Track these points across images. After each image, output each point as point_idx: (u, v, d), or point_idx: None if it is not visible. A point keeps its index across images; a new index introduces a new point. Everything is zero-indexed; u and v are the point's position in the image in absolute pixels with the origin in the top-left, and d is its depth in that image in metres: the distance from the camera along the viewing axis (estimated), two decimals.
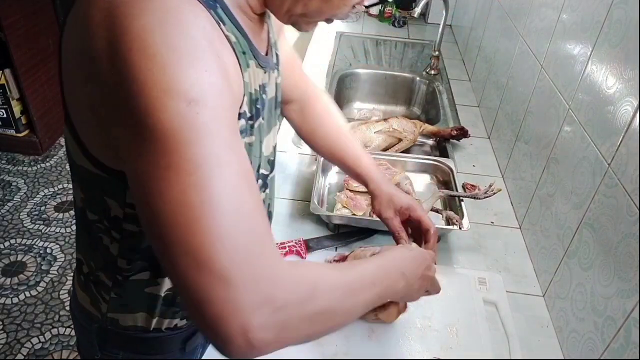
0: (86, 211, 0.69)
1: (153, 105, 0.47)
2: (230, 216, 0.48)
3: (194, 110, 0.48)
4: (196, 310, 0.48)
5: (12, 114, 2.89)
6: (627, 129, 0.81)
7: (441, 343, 0.91)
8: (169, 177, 0.47)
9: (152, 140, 0.48)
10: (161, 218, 0.48)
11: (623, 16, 0.86)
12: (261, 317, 0.48)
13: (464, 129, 1.51)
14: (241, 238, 0.49)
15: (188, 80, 0.48)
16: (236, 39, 0.59)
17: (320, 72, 1.93)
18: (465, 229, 1.10)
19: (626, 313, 0.76)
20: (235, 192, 0.50)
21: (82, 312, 0.80)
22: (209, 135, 0.49)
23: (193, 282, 0.47)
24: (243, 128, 0.63)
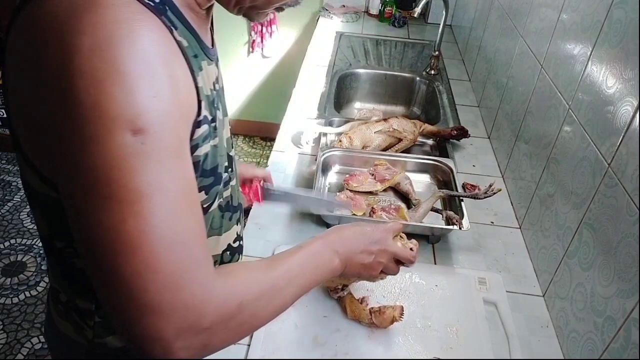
0: (53, 240, 0.67)
1: (98, 133, 0.46)
2: (167, 245, 0.49)
3: (139, 139, 0.47)
4: (124, 331, 0.51)
5: None
6: (627, 129, 0.81)
7: (441, 343, 0.91)
8: (110, 207, 0.47)
9: (94, 168, 0.47)
10: (98, 246, 0.49)
11: (623, 16, 0.86)
12: (184, 341, 0.51)
13: (464, 129, 1.51)
14: (175, 266, 0.50)
15: (136, 108, 0.47)
16: (188, 43, 0.57)
17: (320, 72, 1.93)
18: (465, 229, 1.10)
19: (626, 313, 0.76)
20: (176, 219, 0.50)
21: (65, 342, 0.77)
22: (153, 164, 0.48)
23: (123, 308, 0.49)
24: (207, 133, 0.61)
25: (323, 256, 0.72)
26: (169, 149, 0.50)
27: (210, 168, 0.65)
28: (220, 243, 0.78)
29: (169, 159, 0.50)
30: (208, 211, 0.70)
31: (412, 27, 2.45)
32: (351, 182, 1.26)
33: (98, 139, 0.47)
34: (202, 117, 0.59)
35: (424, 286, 1.02)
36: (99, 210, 0.48)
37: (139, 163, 0.48)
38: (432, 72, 1.93)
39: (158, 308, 0.49)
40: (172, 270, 0.50)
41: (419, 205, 1.18)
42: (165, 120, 0.49)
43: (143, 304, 0.49)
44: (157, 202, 0.49)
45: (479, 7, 1.95)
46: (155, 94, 0.48)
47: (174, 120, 0.51)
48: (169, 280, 0.50)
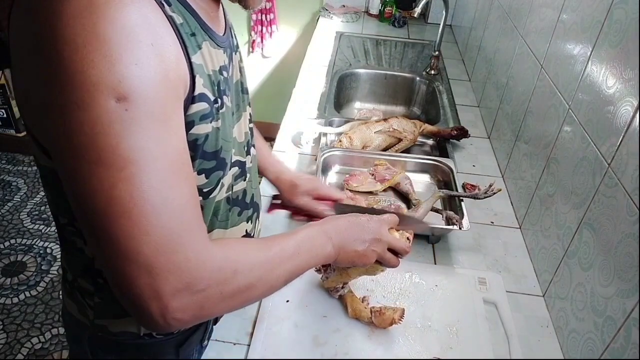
0: (58, 217, 0.68)
1: (82, 99, 0.47)
2: (157, 209, 0.51)
3: (123, 106, 0.48)
4: (122, 293, 0.53)
5: (12, 114, 2.89)
6: (627, 129, 0.81)
7: (441, 343, 0.91)
8: (98, 172, 0.49)
9: (81, 134, 0.48)
10: (92, 211, 0.50)
11: (623, 16, 0.86)
12: (180, 300, 0.53)
13: (464, 129, 1.51)
14: (167, 230, 0.52)
15: (117, 75, 0.48)
16: (183, 20, 0.57)
17: (320, 72, 1.93)
18: (465, 229, 1.10)
19: (626, 313, 0.76)
20: (164, 186, 0.52)
21: (72, 321, 0.79)
22: (139, 130, 0.49)
23: (120, 270, 0.51)
24: (206, 112, 0.61)
25: (317, 241, 0.73)
26: (153, 116, 0.51)
27: (212, 151, 0.65)
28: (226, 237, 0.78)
29: (155, 126, 0.51)
30: (209, 196, 0.70)
31: (412, 27, 2.45)
32: (351, 182, 1.26)
33: (82, 105, 0.48)
34: (197, 94, 0.59)
35: (424, 286, 1.02)
36: (89, 175, 0.49)
37: (125, 129, 0.49)
38: (432, 72, 1.93)
39: (153, 269, 0.51)
40: (165, 233, 0.52)
41: (419, 205, 1.18)
42: (147, 87, 0.50)
43: (138, 265, 0.51)
44: (145, 167, 0.50)
45: (479, 7, 1.95)
46: (136, 62, 0.49)
47: (157, 89, 0.51)
48: (162, 242, 0.51)
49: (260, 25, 2.89)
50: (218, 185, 0.70)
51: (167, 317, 0.53)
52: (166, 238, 0.52)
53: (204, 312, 0.57)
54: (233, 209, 0.78)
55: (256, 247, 0.66)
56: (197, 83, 0.59)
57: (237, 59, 0.77)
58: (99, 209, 0.50)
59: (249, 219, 0.83)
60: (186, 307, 0.54)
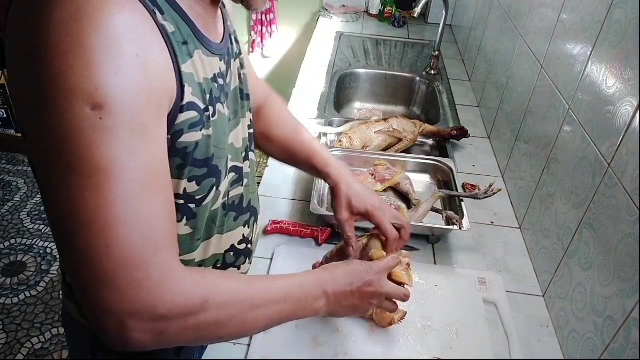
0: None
1: (59, 104, 0.48)
2: (122, 222, 0.50)
3: (97, 114, 0.48)
4: (82, 301, 0.52)
5: (12, 114, 2.89)
6: (627, 129, 0.81)
7: (441, 343, 0.91)
8: (68, 178, 0.49)
9: (54, 139, 0.49)
10: (59, 216, 0.51)
11: (623, 16, 0.86)
12: (137, 322, 0.51)
13: (464, 129, 1.51)
14: (129, 244, 0.50)
15: (94, 83, 0.48)
16: (176, 28, 0.57)
17: (320, 72, 1.93)
18: (465, 229, 1.10)
19: (626, 313, 0.76)
20: (133, 199, 0.51)
21: (72, 322, 0.79)
22: (112, 140, 0.49)
23: (80, 278, 0.51)
24: (195, 121, 0.61)
25: (311, 293, 0.69)
26: (129, 127, 0.50)
27: (202, 158, 0.64)
28: (223, 242, 0.78)
29: (129, 137, 0.50)
30: (202, 204, 0.69)
31: (412, 27, 2.45)
32: None
33: (58, 109, 0.48)
34: (186, 102, 0.59)
35: (424, 286, 1.02)
36: (59, 180, 0.49)
37: (97, 137, 0.49)
38: (432, 72, 1.93)
39: (112, 283, 0.50)
40: (127, 248, 0.50)
41: (419, 205, 1.18)
42: (125, 98, 0.50)
43: (98, 277, 0.50)
44: (115, 178, 0.50)
45: (479, 7, 1.95)
46: (117, 71, 0.49)
47: (136, 100, 0.51)
48: (123, 256, 0.50)
49: (260, 25, 2.89)
50: (211, 193, 0.69)
51: (124, 336, 0.52)
52: (128, 253, 0.50)
53: (165, 340, 0.55)
54: (229, 214, 0.77)
55: (236, 282, 0.62)
56: (186, 92, 0.58)
57: (237, 66, 0.76)
58: (65, 215, 0.50)
59: (246, 223, 0.82)
60: (144, 330, 0.52)
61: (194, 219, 0.69)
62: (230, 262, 0.81)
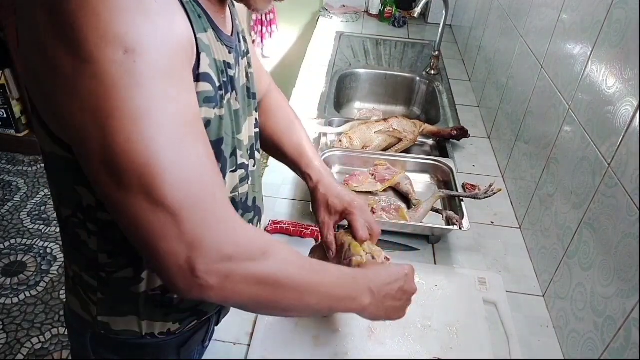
0: (60, 208, 0.68)
1: (90, 53, 0.47)
2: (176, 162, 0.50)
3: (131, 58, 0.48)
4: (147, 246, 0.51)
5: (12, 114, 2.89)
6: (627, 129, 0.81)
7: (441, 343, 0.91)
8: (112, 125, 0.48)
9: (92, 88, 0.48)
10: (110, 164, 0.49)
11: (623, 16, 0.86)
12: (206, 260, 0.51)
13: (464, 129, 1.51)
14: (191, 182, 0.50)
15: (123, 26, 0.47)
16: (188, 1, 0.57)
17: (320, 72, 1.93)
18: (465, 229, 1.10)
19: (626, 313, 0.76)
20: (179, 140, 0.51)
21: (75, 318, 0.78)
22: (149, 84, 0.49)
23: (147, 219, 0.50)
24: (210, 96, 0.60)
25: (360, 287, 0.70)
26: (162, 70, 0.50)
27: (213, 139, 0.64)
28: None
29: (165, 82, 0.50)
30: None
31: (412, 27, 2.45)
32: (351, 182, 1.26)
33: (91, 58, 0.47)
34: (202, 72, 0.58)
35: (424, 286, 1.02)
36: (103, 129, 0.48)
37: (135, 82, 0.48)
38: (432, 72, 1.93)
39: (179, 217, 0.49)
40: (188, 184, 0.50)
41: (419, 205, 1.18)
42: (154, 40, 0.49)
43: (165, 214, 0.49)
44: (158, 123, 0.49)
45: (479, 7, 1.95)
46: (141, 14, 0.48)
47: (164, 42, 0.50)
48: (187, 192, 0.50)
49: (260, 25, 2.89)
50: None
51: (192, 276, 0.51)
52: (190, 188, 0.50)
53: (229, 285, 0.54)
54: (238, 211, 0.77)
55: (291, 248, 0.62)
56: (202, 61, 0.58)
57: (245, 64, 0.76)
58: (116, 164, 0.49)
59: (250, 222, 0.83)
60: (211, 270, 0.52)
61: None
62: None
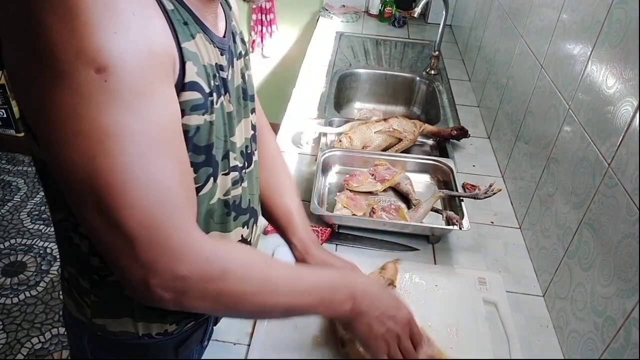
0: (55, 212, 0.68)
1: (63, 69, 0.47)
2: (140, 185, 0.50)
3: (102, 77, 0.48)
4: (108, 259, 0.54)
5: (12, 114, 2.89)
6: (627, 129, 0.81)
7: (441, 343, 0.91)
8: (78, 144, 0.49)
9: (61, 105, 0.48)
10: (74, 182, 0.50)
11: (623, 16, 0.86)
12: (160, 279, 0.53)
13: (464, 129, 1.51)
14: (150, 206, 0.51)
15: (95, 45, 0.47)
16: (174, 8, 0.56)
17: (320, 72, 1.93)
18: (465, 229, 1.10)
19: (626, 313, 0.76)
20: (146, 162, 0.51)
21: (72, 320, 0.78)
22: (119, 103, 0.49)
23: (104, 237, 0.52)
24: (199, 103, 0.59)
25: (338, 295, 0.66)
26: (135, 89, 0.50)
27: (203, 145, 0.63)
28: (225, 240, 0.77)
29: (136, 100, 0.50)
30: (199, 193, 0.67)
31: (412, 27, 2.45)
32: (351, 182, 1.26)
33: (63, 74, 0.47)
34: (188, 81, 0.58)
35: (424, 286, 1.02)
36: (70, 147, 0.49)
37: (104, 101, 0.48)
38: (432, 72, 1.93)
39: (134, 243, 0.51)
40: (147, 208, 0.51)
41: (419, 205, 1.18)
42: (128, 58, 0.49)
43: (120, 238, 0.51)
44: (125, 142, 0.49)
45: (479, 7, 1.95)
46: (115, 30, 0.48)
47: (138, 60, 0.50)
48: (144, 216, 0.51)
49: (260, 25, 2.89)
50: (208, 183, 0.68)
51: (148, 293, 0.54)
52: (148, 213, 0.51)
53: (185, 301, 0.56)
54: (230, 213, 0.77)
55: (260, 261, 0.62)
56: (187, 70, 0.57)
57: (240, 66, 0.76)
58: (80, 181, 0.50)
59: (245, 224, 0.82)
60: (166, 288, 0.54)
61: None
62: None
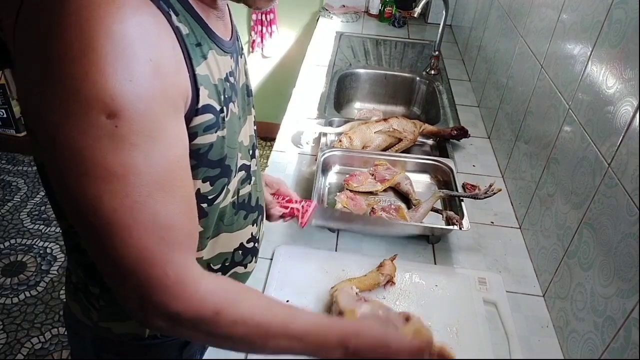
0: (60, 219, 0.68)
1: (73, 112, 0.48)
2: (140, 225, 0.52)
3: (113, 122, 0.48)
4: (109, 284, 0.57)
5: (12, 114, 2.89)
6: (627, 129, 0.81)
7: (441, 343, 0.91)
8: (83, 183, 0.50)
9: (69, 145, 0.49)
10: (78, 217, 0.53)
11: (623, 16, 0.86)
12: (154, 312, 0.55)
13: (464, 129, 1.51)
14: (149, 245, 0.53)
15: (110, 91, 0.47)
16: (190, 30, 0.57)
17: (320, 72, 1.93)
18: (465, 229, 1.10)
19: (626, 313, 0.76)
20: (150, 202, 0.52)
21: (75, 322, 0.79)
22: (127, 147, 0.50)
23: (104, 267, 0.55)
24: (211, 123, 0.61)
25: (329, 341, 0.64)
26: (144, 133, 0.51)
27: (217, 159, 0.65)
28: (232, 241, 0.78)
29: (144, 143, 0.51)
30: (214, 203, 0.69)
31: (412, 27, 2.45)
32: (351, 182, 1.26)
33: (73, 117, 0.48)
34: (202, 105, 0.59)
35: (424, 286, 1.02)
36: (76, 185, 0.50)
37: (113, 145, 0.49)
38: (432, 72, 1.93)
39: (132, 278, 0.53)
40: (144, 247, 0.52)
41: (419, 205, 1.18)
42: (140, 105, 0.50)
43: (119, 272, 0.54)
44: (131, 183, 0.50)
45: (479, 7, 1.95)
46: (130, 78, 0.49)
47: (150, 106, 0.51)
48: (141, 255, 0.52)
49: (260, 25, 2.89)
50: (223, 192, 0.70)
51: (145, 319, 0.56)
52: (145, 252, 0.53)
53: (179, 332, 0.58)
54: (239, 212, 0.77)
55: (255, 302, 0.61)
56: (201, 95, 0.58)
57: (243, 62, 0.77)
58: (83, 217, 0.52)
59: (254, 222, 0.83)
60: (161, 317, 0.56)
61: (204, 218, 0.69)
62: (238, 260, 0.81)
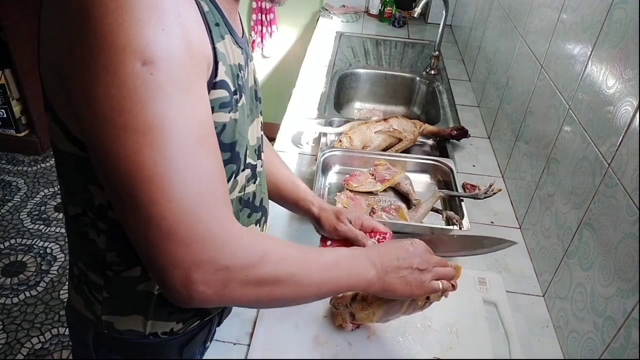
0: (68, 206, 0.69)
1: (110, 61, 0.48)
2: (181, 177, 0.51)
3: (148, 70, 0.49)
4: (147, 259, 0.54)
5: (12, 114, 2.89)
6: (627, 129, 0.81)
7: (441, 343, 0.91)
8: (123, 137, 0.49)
9: (108, 97, 0.49)
10: (117, 175, 0.51)
11: (623, 16, 0.86)
12: (202, 274, 0.53)
13: (464, 129, 1.51)
14: (191, 199, 0.52)
15: (144, 39, 0.48)
16: (209, 9, 0.59)
17: (320, 72, 1.93)
18: (465, 229, 1.10)
19: (626, 313, 0.76)
20: (189, 154, 0.52)
21: (77, 317, 0.78)
22: (164, 97, 0.50)
23: (144, 235, 0.52)
24: (226, 101, 0.62)
25: (359, 262, 0.69)
26: (177, 84, 0.51)
27: (228, 142, 0.65)
28: None
29: (179, 94, 0.51)
30: None
31: (412, 27, 2.45)
32: (351, 182, 1.26)
33: (110, 67, 0.48)
34: (219, 80, 0.60)
35: None
36: (114, 140, 0.50)
37: (149, 94, 0.49)
38: (432, 72, 1.93)
39: (175, 236, 0.51)
40: (188, 201, 0.51)
41: (419, 205, 1.18)
42: (173, 54, 0.51)
43: (161, 231, 0.51)
44: (169, 134, 0.50)
45: (479, 7, 1.95)
46: (163, 27, 0.50)
47: (182, 56, 0.52)
48: (185, 210, 0.51)
49: (260, 25, 2.89)
50: (231, 179, 0.70)
51: (190, 288, 0.53)
52: (189, 206, 0.52)
53: (228, 292, 0.56)
54: (244, 210, 0.77)
55: (290, 244, 0.65)
56: (219, 69, 0.59)
57: (252, 67, 0.78)
58: (123, 173, 0.50)
59: (258, 222, 0.83)
60: (209, 282, 0.54)
61: None
62: None
